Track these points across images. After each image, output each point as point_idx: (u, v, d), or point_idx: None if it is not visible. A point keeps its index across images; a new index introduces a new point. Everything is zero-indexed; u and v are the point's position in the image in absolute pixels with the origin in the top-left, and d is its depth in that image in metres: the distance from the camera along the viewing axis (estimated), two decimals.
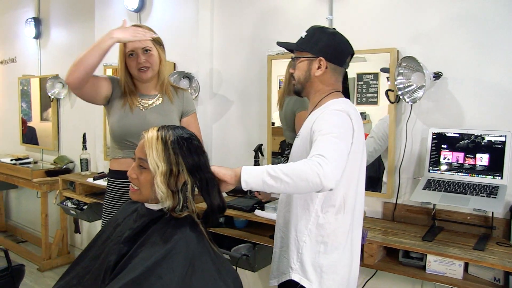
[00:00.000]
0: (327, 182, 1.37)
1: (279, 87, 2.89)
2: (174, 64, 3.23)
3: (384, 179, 2.47)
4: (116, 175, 2.23)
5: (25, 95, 4.94)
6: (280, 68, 2.83)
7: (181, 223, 1.49)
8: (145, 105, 2.21)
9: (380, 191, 2.47)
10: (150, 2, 3.40)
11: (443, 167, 2.21)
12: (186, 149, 1.44)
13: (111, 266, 1.48)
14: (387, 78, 2.40)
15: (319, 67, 1.67)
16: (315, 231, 1.64)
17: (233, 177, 1.44)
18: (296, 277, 1.66)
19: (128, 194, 2.17)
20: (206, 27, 3.16)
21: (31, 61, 4.86)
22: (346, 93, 1.80)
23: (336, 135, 1.47)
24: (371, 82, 2.50)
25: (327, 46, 1.67)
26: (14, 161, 4.54)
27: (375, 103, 2.53)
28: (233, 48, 3.12)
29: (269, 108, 2.91)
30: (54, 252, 4.25)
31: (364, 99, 2.54)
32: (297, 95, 1.77)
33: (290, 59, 2.78)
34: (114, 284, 1.35)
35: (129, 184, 2.16)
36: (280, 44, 1.81)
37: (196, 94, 3.07)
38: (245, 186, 1.42)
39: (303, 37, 1.72)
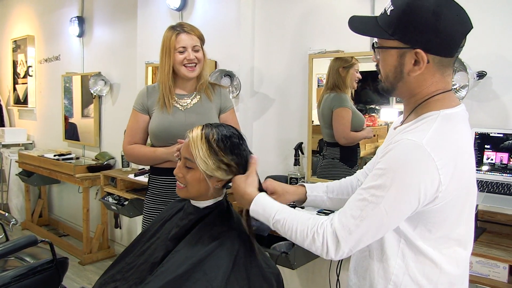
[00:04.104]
0: (331, 257, 1.16)
1: (318, 86, 2.87)
2: (216, 62, 3.24)
3: None
4: (158, 172, 2.27)
5: (67, 92, 5.06)
6: (321, 67, 2.81)
7: (227, 220, 1.51)
8: (184, 104, 2.23)
9: None
10: (192, 0, 3.43)
11: (486, 168, 2.15)
12: (229, 148, 1.45)
13: (157, 262, 1.50)
14: None
15: (416, 63, 1.13)
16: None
17: (244, 203, 1.37)
18: None
19: (169, 190, 2.22)
20: (247, 25, 3.16)
21: (75, 59, 4.98)
22: None
23: (385, 197, 1.08)
24: None
25: (429, 29, 1.09)
26: (57, 157, 4.65)
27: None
28: (274, 47, 3.11)
29: (310, 106, 2.89)
30: (95, 246, 4.34)
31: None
32: (387, 94, 1.26)
33: (331, 58, 2.82)
34: (159, 279, 1.37)
35: (170, 181, 2.21)
36: (353, 23, 1.23)
37: (237, 92, 3.07)
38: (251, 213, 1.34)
39: (389, 12, 1.14)
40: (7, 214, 3.89)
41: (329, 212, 2.03)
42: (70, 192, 5.22)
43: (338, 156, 2.80)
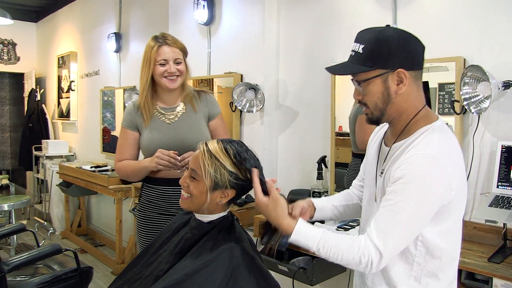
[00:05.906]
0: (374, 271, 1.28)
1: None
2: (241, 75, 3.27)
3: None
4: (151, 181, 2.24)
5: (109, 106, 5.22)
6: (344, 78, 2.77)
7: (228, 235, 1.51)
8: (170, 117, 2.21)
9: None
10: (219, 15, 3.48)
11: None
12: (238, 164, 1.47)
13: (161, 275, 1.51)
14: None
15: (399, 82, 1.29)
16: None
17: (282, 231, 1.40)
18: None
19: (160, 198, 2.20)
20: (272, 38, 3.17)
21: (112, 74, 5.14)
22: (427, 104, 1.45)
23: (410, 205, 1.23)
24: (453, 92, 2.34)
25: (400, 51, 1.28)
26: (93, 168, 4.79)
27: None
28: (298, 60, 3.10)
29: (333, 118, 2.85)
30: (127, 257, 4.42)
31: (446, 109, 2.39)
32: (376, 124, 1.40)
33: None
34: None
35: (161, 191, 2.20)
36: (331, 70, 1.45)
37: (261, 105, 3.08)
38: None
39: (361, 51, 1.30)
40: (45, 223, 4.03)
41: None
42: (106, 203, 5.35)
43: None
